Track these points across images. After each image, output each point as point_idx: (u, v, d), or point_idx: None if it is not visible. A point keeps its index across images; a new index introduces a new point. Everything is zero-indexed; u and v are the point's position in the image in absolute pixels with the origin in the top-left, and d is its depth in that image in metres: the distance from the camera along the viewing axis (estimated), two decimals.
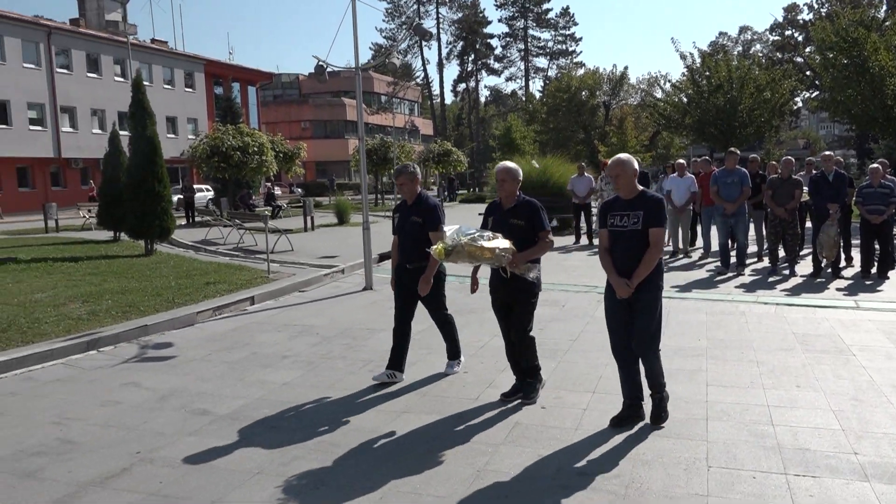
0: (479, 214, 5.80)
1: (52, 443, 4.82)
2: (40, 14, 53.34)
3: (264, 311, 9.40)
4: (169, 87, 47.09)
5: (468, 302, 7.40)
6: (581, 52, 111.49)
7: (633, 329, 4.74)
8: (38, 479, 4.24)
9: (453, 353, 6.27)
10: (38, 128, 38.75)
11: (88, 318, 8.35)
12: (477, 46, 70.06)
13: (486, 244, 4.92)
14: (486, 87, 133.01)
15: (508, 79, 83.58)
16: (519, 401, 5.36)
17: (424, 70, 78.40)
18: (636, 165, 4.84)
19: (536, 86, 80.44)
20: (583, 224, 16.69)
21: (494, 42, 72.90)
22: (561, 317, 8.37)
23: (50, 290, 10.41)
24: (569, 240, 16.66)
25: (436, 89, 72.61)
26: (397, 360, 6.04)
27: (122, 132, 18.53)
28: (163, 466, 4.37)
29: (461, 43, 69.23)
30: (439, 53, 63.07)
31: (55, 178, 40.47)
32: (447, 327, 6.17)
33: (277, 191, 44.23)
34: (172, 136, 46.13)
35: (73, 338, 7.47)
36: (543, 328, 7.40)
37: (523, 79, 75.13)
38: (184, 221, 25.75)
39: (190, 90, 49.14)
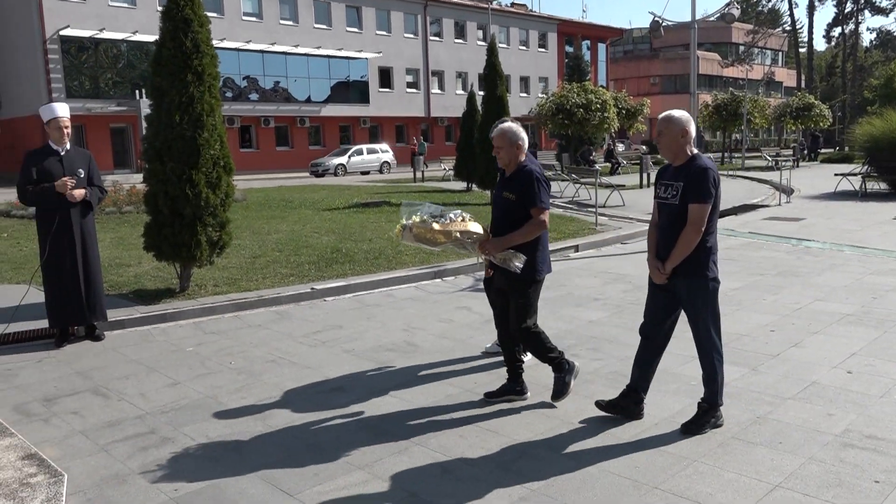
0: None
1: (401, 344, 6.09)
2: None
3: (585, 259, 10.07)
4: (524, 48, 49.87)
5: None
6: None
7: (690, 324, 4.15)
8: (387, 368, 5.46)
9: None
10: (413, 90, 44.26)
11: (437, 254, 9.86)
12: None
13: (438, 226, 4.33)
14: (868, 28, 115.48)
15: None
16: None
17: (791, 14, 70.59)
18: (688, 125, 4.02)
19: None
20: None
21: None
22: None
23: None
24: None
25: (804, 35, 65.24)
26: None
27: (480, 93, 20.52)
28: (478, 372, 5.29)
29: None
30: None
31: (425, 134, 45.93)
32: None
33: (621, 147, 44.47)
34: (525, 95, 48.99)
35: (424, 268, 8.96)
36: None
37: None
38: None
39: (543, 50, 51.40)
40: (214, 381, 5.22)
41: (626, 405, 4.33)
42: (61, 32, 30.16)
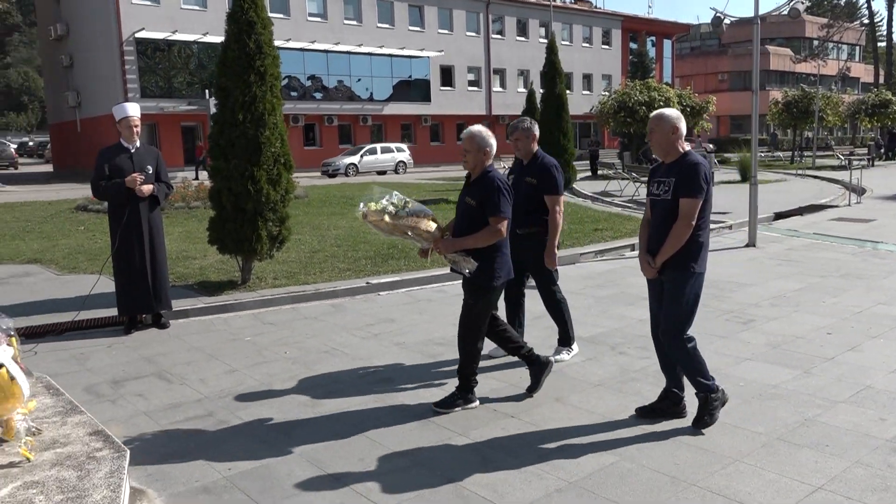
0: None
1: (450, 338, 6.18)
2: None
3: None
4: (587, 45, 49.35)
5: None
6: None
7: (663, 314, 4.14)
8: (436, 361, 5.59)
9: (565, 338, 5.58)
10: (475, 89, 44.34)
11: None
12: None
13: (389, 220, 4.32)
14: None
15: None
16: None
17: (869, 6, 67.82)
18: (678, 122, 4.04)
19: None
20: None
21: None
22: None
23: None
24: None
25: (882, 29, 62.53)
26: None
27: (540, 90, 20.50)
28: (523, 367, 5.35)
29: None
30: None
31: None
32: (559, 309, 5.51)
33: (687, 146, 43.59)
34: (587, 92, 48.49)
35: None
36: None
37: None
38: (588, 173, 27.34)
39: (606, 47, 50.76)
40: (269, 369, 5.44)
41: (667, 407, 4.34)
42: (137, 35, 31.40)
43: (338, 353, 5.81)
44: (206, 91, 26.81)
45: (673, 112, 4.11)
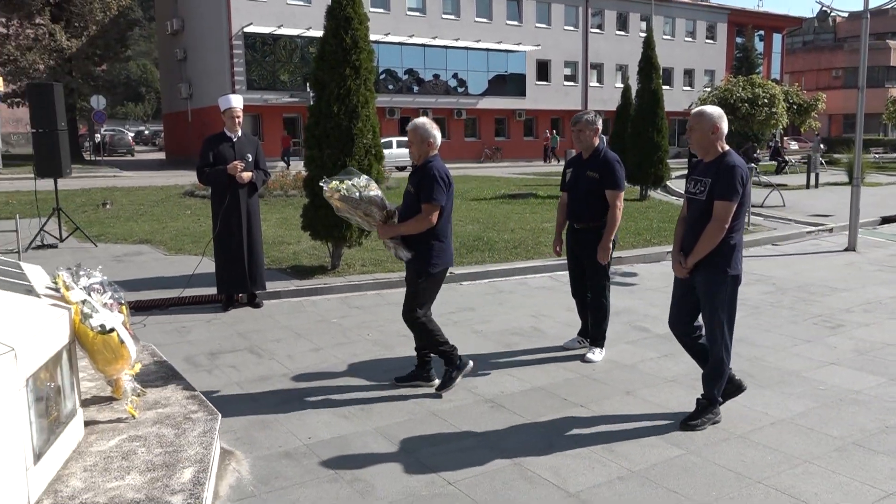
0: None
1: (528, 329, 6.32)
2: None
3: None
4: (690, 39, 47.90)
5: None
6: None
7: (704, 318, 4.16)
8: (512, 350, 5.72)
9: (598, 337, 5.49)
10: (571, 83, 43.88)
11: None
12: None
13: (336, 201, 4.56)
14: None
15: None
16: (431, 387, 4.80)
17: None
18: (719, 121, 3.99)
19: None
20: None
21: None
22: None
23: (554, 221, 12.49)
24: None
25: None
26: (585, 326, 5.71)
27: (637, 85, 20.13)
28: (567, 360, 5.42)
29: None
30: None
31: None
32: (601, 309, 5.44)
33: (795, 145, 41.68)
34: (688, 88, 47.10)
35: (562, 259, 9.08)
36: None
37: None
38: (685, 171, 26.60)
39: (710, 41, 49.10)
40: (352, 349, 5.72)
41: (728, 391, 4.33)
42: (245, 29, 32.83)
43: None
44: (307, 83, 27.76)
45: (715, 110, 4.09)
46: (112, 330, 3.50)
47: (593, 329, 5.52)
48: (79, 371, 3.66)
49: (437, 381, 4.86)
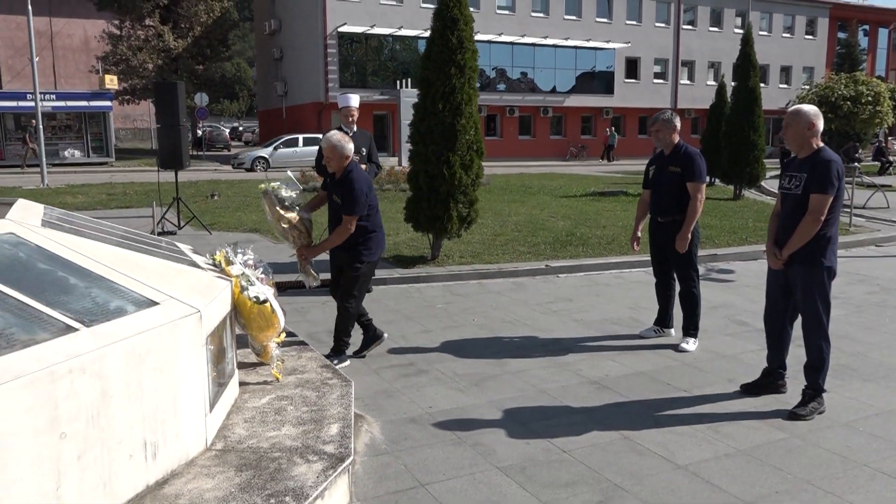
0: None
1: (626, 318, 6.53)
2: None
3: None
4: (787, 35, 46.26)
5: None
6: None
7: (800, 310, 4.33)
8: (610, 337, 5.95)
9: (690, 327, 5.66)
10: (661, 81, 43.14)
11: None
12: None
13: (269, 217, 4.99)
14: None
15: None
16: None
17: None
18: (815, 119, 4.17)
19: None
20: None
21: None
22: None
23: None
24: None
25: None
26: (662, 316, 5.93)
27: (731, 83, 19.80)
28: (699, 351, 5.59)
29: None
30: None
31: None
32: (690, 298, 5.62)
33: None
34: (784, 86, 45.56)
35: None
36: None
37: None
38: (778, 172, 25.86)
39: (810, 37, 47.26)
40: (460, 332, 6.09)
41: (769, 383, 4.63)
42: (339, 29, 33.88)
43: (520, 324, 6.34)
44: (398, 82, 28.44)
45: (811, 108, 4.26)
46: (266, 301, 3.96)
47: (685, 319, 5.70)
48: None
49: (385, 335, 5.53)
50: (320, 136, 25.74)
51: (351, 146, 5.05)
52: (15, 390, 2.34)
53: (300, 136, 29.86)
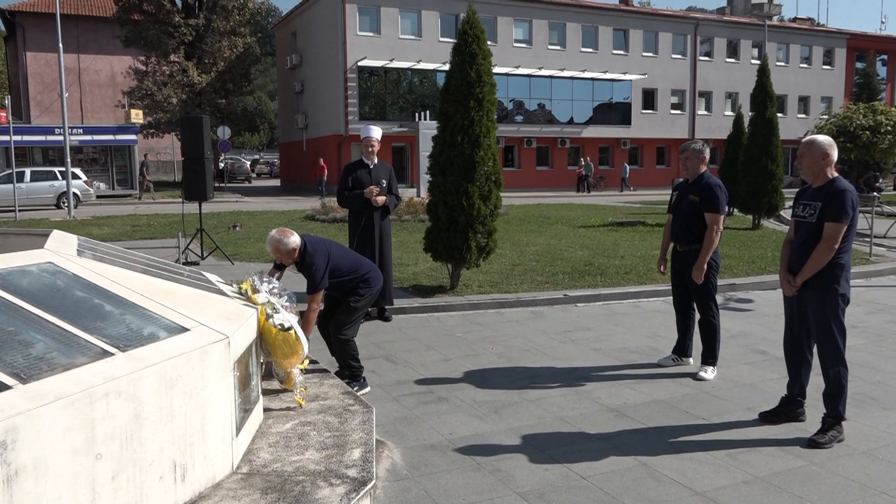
0: None
1: (645, 347, 6.56)
2: (693, 6, 58.38)
3: (852, 288, 9.57)
4: (805, 65, 46.32)
5: None
6: None
7: (815, 337, 4.40)
8: (628, 366, 5.98)
9: (709, 356, 5.71)
10: (678, 112, 43.28)
11: None
12: None
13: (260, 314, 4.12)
14: None
15: None
16: None
17: None
18: (829, 149, 4.30)
19: None
20: None
21: None
22: None
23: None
24: None
25: None
26: (681, 345, 5.95)
27: (749, 114, 19.89)
28: (717, 379, 5.61)
29: None
30: None
31: None
32: (709, 327, 5.67)
33: None
34: (802, 115, 45.53)
35: None
36: None
37: None
38: None
39: (828, 67, 47.27)
40: (479, 360, 6.15)
41: (789, 412, 4.66)
42: (359, 63, 34.47)
43: (538, 353, 6.40)
44: (416, 115, 28.83)
45: (825, 139, 4.38)
46: (290, 328, 4.07)
47: (704, 348, 5.73)
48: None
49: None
50: (56, 169, 25.31)
51: (297, 238, 4.95)
52: (55, 412, 2.45)
53: (27, 170, 24.55)
